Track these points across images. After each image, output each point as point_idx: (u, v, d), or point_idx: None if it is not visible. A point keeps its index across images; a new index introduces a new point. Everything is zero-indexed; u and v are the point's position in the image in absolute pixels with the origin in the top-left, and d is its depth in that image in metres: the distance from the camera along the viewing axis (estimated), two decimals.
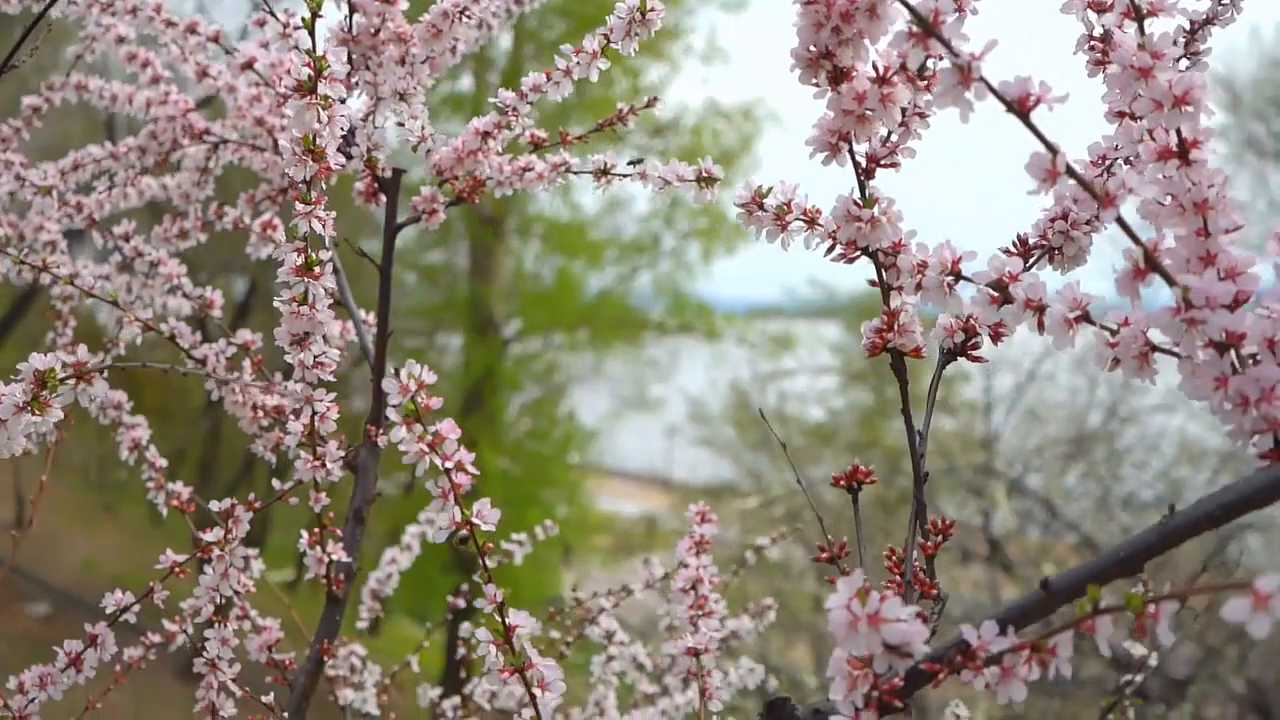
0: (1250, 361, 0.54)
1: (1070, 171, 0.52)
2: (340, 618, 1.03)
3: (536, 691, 0.67)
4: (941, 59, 0.55)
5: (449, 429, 0.64)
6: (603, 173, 0.96)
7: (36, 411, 0.68)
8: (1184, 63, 0.73)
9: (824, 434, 9.62)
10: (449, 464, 0.64)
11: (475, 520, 0.65)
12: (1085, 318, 0.57)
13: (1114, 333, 0.57)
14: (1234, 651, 6.02)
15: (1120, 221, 0.52)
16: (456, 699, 1.38)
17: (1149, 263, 0.53)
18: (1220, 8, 0.74)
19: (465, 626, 1.11)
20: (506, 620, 0.67)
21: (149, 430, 1.12)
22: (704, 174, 0.88)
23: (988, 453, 5.66)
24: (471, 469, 0.64)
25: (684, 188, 0.90)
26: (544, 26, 9.64)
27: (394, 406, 0.63)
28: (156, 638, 1.14)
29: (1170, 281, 0.52)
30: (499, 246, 10.96)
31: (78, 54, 1.33)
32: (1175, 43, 0.74)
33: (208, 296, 1.10)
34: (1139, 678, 1.09)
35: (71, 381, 0.68)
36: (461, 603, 1.50)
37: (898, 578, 0.65)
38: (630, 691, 1.48)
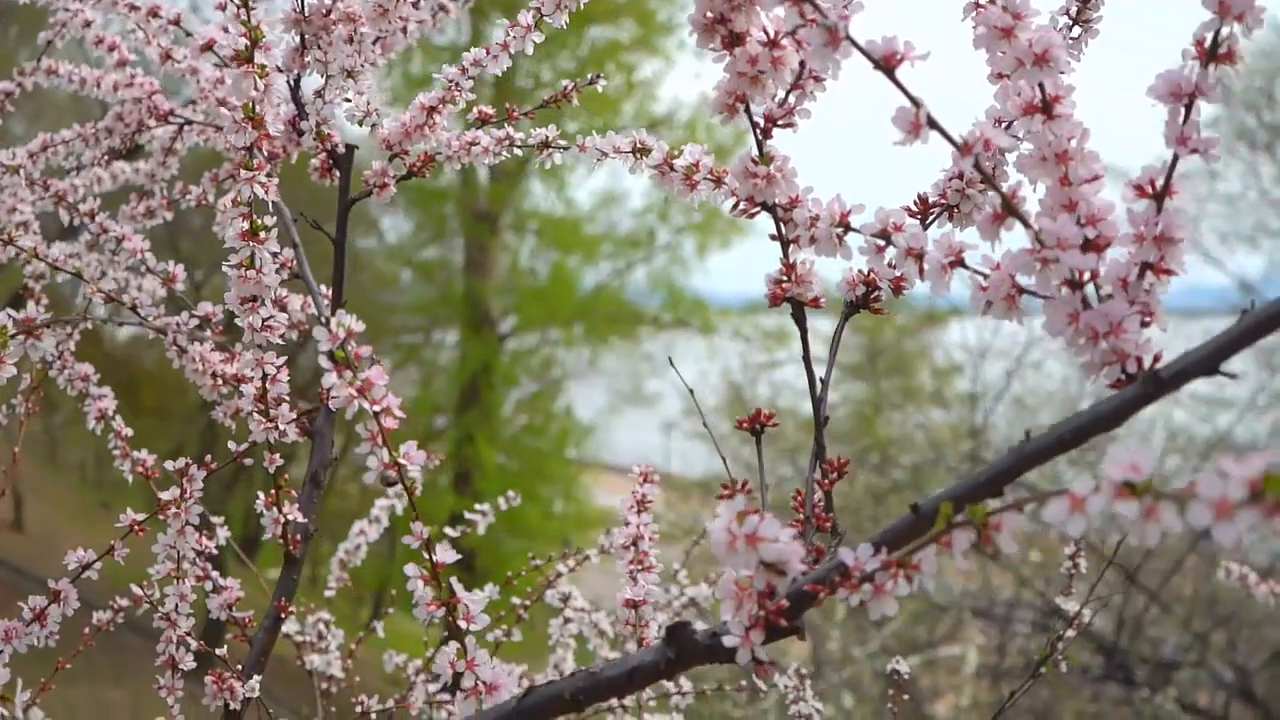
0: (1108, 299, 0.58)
1: (932, 123, 0.56)
2: (298, 577, 1.07)
3: (462, 623, 0.71)
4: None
5: (377, 375, 0.68)
6: (544, 145, 1.01)
7: None
8: (1076, 29, 0.78)
9: None
10: (378, 408, 0.68)
11: (403, 461, 0.69)
12: (959, 263, 0.62)
13: (986, 277, 0.61)
14: (1221, 638, 6.07)
15: (978, 168, 0.56)
16: (419, 662, 1.43)
17: (1007, 208, 0.57)
18: None
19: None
20: (434, 557, 0.71)
21: (114, 400, 1.16)
22: (639, 145, 0.92)
23: (975, 441, 5.72)
24: (399, 413, 0.68)
25: (620, 159, 0.94)
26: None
27: (324, 353, 0.67)
28: (124, 601, 1.18)
29: (1026, 224, 0.56)
30: (494, 242, 11.01)
31: (48, 39, 1.36)
32: (1067, 11, 0.78)
33: (170, 270, 1.14)
34: (1070, 633, 1.13)
35: (21, 336, 0.72)
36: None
37: (800, 516, 0.69)
38: (590, 658, 1.52)
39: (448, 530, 1.33)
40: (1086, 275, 0.56)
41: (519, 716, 0.64)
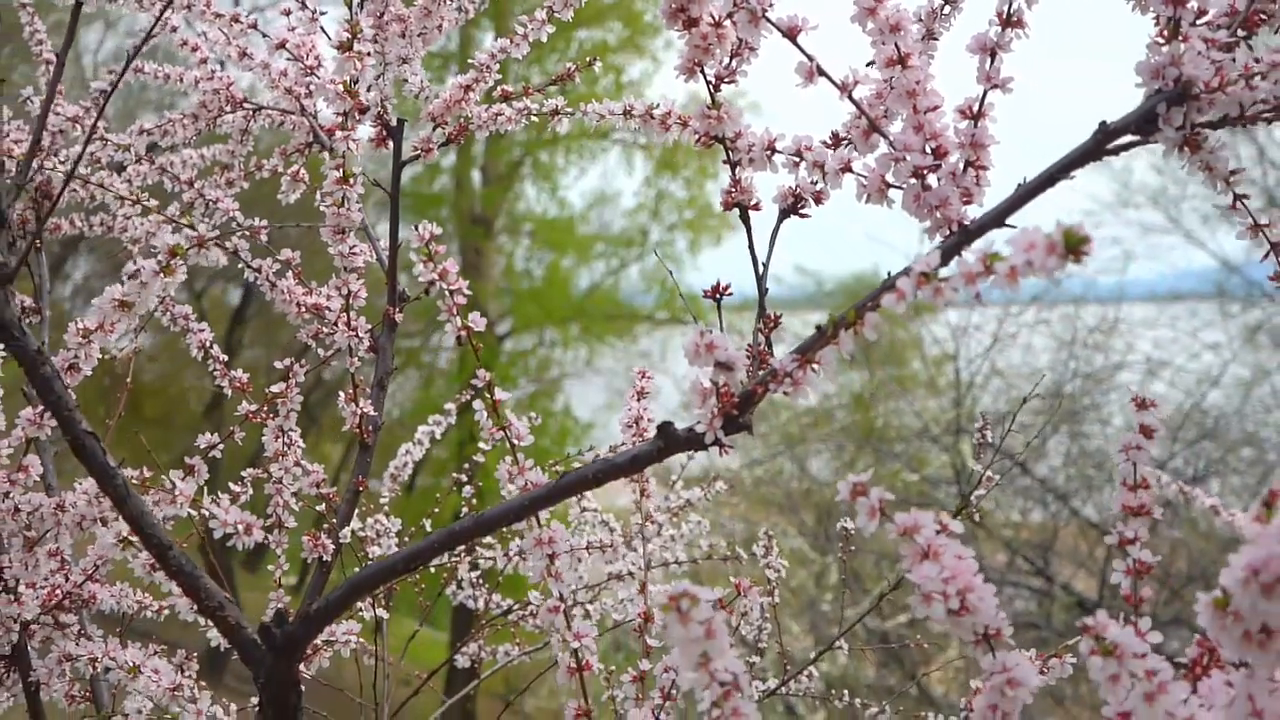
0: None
1: (821, 72, 0.85)
2: (370, 460, 1.36)
3: (515, 440, 1.00)
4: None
5: (451, 266, 0.97)
6: (555, 112, 1.30)
7: (168, 274, 1.01)
8: (948, 8, 1.06)
9: (817, 418, 9.96)
10: (452, 288, 0.97)
11: (471, 324, 0.98)
12: (848, 169, 0.90)
13: (865, 178, 0.90)
14: (1193, 594, 6.37)
15: (854, 103, 0.85)
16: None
17: (872, 127, 0.86)
18: None
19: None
20: (494, 396, 1.00)
21: (212, 331, 1.44)
22: (627, 109, 1.20)
23: (958, 410, 6.02)
24: (466, 291, 0.97)
25: (614, 120, 1.22)
26: None
27: (414, 250, 0.95)
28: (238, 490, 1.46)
29: (885, 137, 0.85)
30: (488, 245, 11.29)
31: (136, 45, 1.65)
32: None
33: (255, 225, 1.42)
34: (983, 493, 1.42)
35: (194, 249, 1.00)
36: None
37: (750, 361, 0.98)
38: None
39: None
40: (926, 170, 0.85)
41: (557, 491, 0.93)
